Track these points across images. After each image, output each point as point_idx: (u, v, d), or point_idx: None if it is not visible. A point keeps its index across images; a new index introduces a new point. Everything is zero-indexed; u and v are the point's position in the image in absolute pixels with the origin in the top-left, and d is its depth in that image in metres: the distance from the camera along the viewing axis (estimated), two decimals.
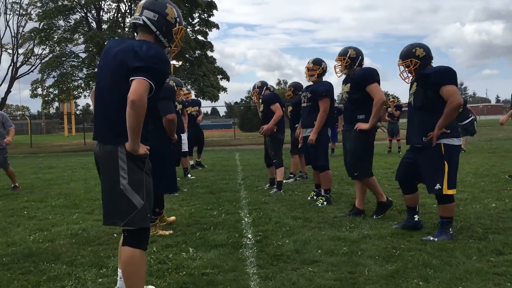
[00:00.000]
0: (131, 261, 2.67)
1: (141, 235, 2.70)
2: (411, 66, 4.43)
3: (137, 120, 2.50)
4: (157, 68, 2.58)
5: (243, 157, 14.86)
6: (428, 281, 3.23)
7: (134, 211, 2.60)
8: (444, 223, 4.33)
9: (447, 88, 4.20)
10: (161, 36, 2.79)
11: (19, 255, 4.12)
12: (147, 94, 2.53)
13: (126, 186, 2.60)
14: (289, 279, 3.33)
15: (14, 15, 25.78)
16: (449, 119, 4.21)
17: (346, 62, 5.36)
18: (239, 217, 5.50)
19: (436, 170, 4.27)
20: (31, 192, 8.05)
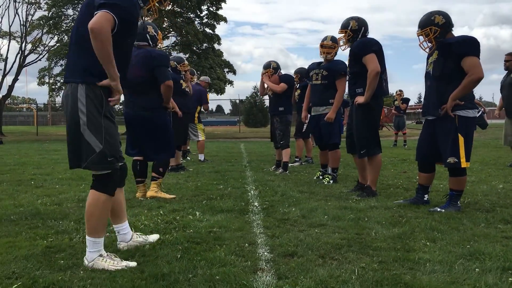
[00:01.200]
0: (95, 204, 2.74)
1: (106, 179, 2.74)
2: (430, 34, 4.28)
3: (102, 49, 2.55)
4: (121, 5, 2.62)
5: (248, 146, 14.87)
6: (436, 242, 3.22)
7: (92, 154, 2.65)
8: (453, 196, 4.28)
9: (471, 59, 4.07)
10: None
11: (27, 214, 4.14)
12: (108, 25, 2.55)
13: (85, 128, 2.65)
14: (296, 237, 3.33)
15: (23, 3, 25.78)
16: (466, 91, 4.12)
17: (348, 35, 5.19)
18: (245, 190, 5.51)
19: (451, 143, 4.18)
20: (38, 168, 8.09)
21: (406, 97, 14.46)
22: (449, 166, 4.23)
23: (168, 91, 4.85)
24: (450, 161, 4.19)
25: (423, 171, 4.56)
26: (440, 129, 4.29)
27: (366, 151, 5.10)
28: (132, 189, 5.46)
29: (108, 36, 2.55)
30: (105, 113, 2.71)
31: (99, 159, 2.66)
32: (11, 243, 3.19)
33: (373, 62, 4.88)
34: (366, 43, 5.02)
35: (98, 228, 2.75)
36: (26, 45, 25.89)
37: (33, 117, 57.06)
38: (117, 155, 2.77)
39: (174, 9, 25.91)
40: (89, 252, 2.75)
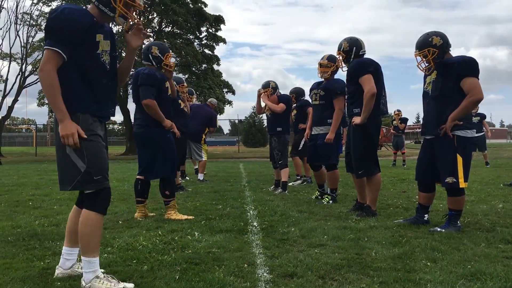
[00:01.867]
0: (86, 223, 2.74)
1: (94, 197, 2.76)
2: (429, 55, 4.28)
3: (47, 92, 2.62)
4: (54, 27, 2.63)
5: (247, 166, 14.84)
6: (436, 262, 3.20)
7: (79, 174, 2.69)
8: (453, 216, 4.24)
9: (471, 80, 4.08)
10: (101, 6, 2.78)
11: (24, 235, 4.11)
12: (49, 65, 2.59)
13: (71, 151, 2.68)
14: (295, 258, 3.30)
15: (24, 25, 26.04)
16: (465, 112, 4.13)
17: (342, 56, 5.25)
18: (244, 210, 5.48)
19: (449, 163, 4.16)
20: (36, 189, 8.05)
21: (405, 117, 14.53)
22: (447, 186, 4.20)
23: (148, 109, 4.89)
24: (449, 181, 4.16)
25: (423, 190, 4.53)
26: (439, 149, 4.27)
27: (364, 171, 5.08)
28: (131, 209, 5.44)
29: (49, 79, 2.59)
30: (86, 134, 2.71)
31: (85, 179, 2.69)
32: (8, 265, 3.16)
33: (369, 83, 4.89)
34: (362, 64, 5.03)
35: (90, 247, 2.73)
36: (26, 66, 26.07)
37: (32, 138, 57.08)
38: (104, 174, 2.78)
39: (174, 30, 26.22)
40: (85, 273, 2.72)
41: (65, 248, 3.00)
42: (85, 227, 2.74)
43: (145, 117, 4.96)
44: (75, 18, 2.65)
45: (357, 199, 5.46)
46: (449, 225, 4.22)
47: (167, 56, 5.08)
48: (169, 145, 5.05)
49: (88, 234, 2.74)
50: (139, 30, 2.95)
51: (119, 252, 3.52)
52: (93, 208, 2.76)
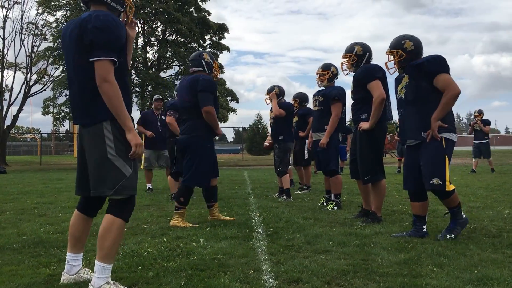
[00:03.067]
0: (109, 228, 2.70)
1: (125, 205, 2.76)
2: (396, 57, 4.23)
3: (113, 102, 2.60)
4: (113, 40, 2.64)
5: (252, 174, 14.84)
6: (443, 267, 3.18)
7: (123, 179, 2.68)
8: (454, 212, 4.11)
9: (443, 76, 3.96)
10: (113, 3, 2.82)
11: (29, 242, 4.12)
12: (111, 76, 2.60)
13: (114, 155, 2.67)
14: (301, 263, 3.29)
15: (29, 35, 26.20)
16: (446, 110, 3.97)
17: (353, 59, 5.20)
18: (249, 217, 5.48)
19: (436, 165, 3.99)
20: (41, 197, 8.07)
21: None
22: (432, 188, 3.99)
23: (208, 116, 4.90)
24: (434, 182, 3.96)
25: (415, 199, 4.27)
26: (425, 151, 4.07)
27: (370, 177, 5.06)
28: (135, 216, 5.44)
29: (116, 91, 2.61)
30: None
31: (128, 184, 2.70)
32: (14, 271, 3.17)
33: (378, 88, 4.90)
34: (370, 70, 5.03)
35: (110, 254, 2.70)
36: (31, 75, 26.18)
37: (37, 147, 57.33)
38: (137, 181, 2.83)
39: (178, 39, 26.34)
40: (96, 278, 2.68)
41: (70, 254, 2.97)
42: (109, 233, 2.70)
43: (196, 123, 4.96)
44: (118, 25, 2.69)
45: (362, 206, 5.44)
46: (456, 224, 4.08)
47: (215, 63, 5.15)
48: (207, 156, 5.04)
49: (111, 240, 2.69)
50: (131, 21, 3.03)
51: (124, 259, 3.52)
52: (121, 215, 2.74)
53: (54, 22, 25.58)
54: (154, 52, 27.18)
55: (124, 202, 2.74)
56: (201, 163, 4.97)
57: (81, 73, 2.70)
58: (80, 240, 2.98)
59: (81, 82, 2.72)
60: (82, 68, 2.68)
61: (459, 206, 4.14)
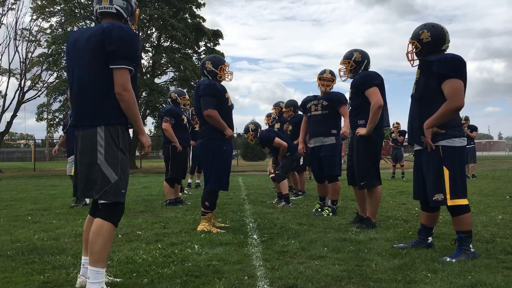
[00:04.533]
0: (100, 232, 2.76)
1: (113, 209, 2.82)
2: (412, 48, 3.91)
3: (129, 110, 2.81)
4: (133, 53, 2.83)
5: (247, 180, 14.82)
6: (437, 273, 3.20)
7: (108, 184, 2.76)
8: (462, 239, 3.64)
9: (452, 83, 3.59)
10: (129, 20, 3.05)
11: (23, 249, 4.10)
12: (129, 85, 2.80)
13: (102, 161, 2.77)
14: (295, 269, 3.30)
15: (24, 41, 26.17)
16: (441, 120, 3.63)
17: (351, 65, 5.20)
18: (244, 223, 5.48)
19: (435, 178, 3.68)
20: (35, 203, 8.03)
21: (403, 130, 14.54)
22: (437, 204, 3.73)
23: (210, 120, 4.97)
24: (437, 198, 3.66)
25: (424, 209, 4.01)
26: (425, 161, 3.80)
27: (366, 182, 5.04)
28: (130, 223, 5.43)
29: (133, 98, 2.81)
30: (121, 147, 2.84)
31: (113, 190, 2.77)
32: (8, 279, 3.15)
33: (376, 95, 4.91)
34: (368, 77, 5.04)
35: (100, 258, 2.74)
36: (25, 82, 26.12)
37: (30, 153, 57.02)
38: (126, 189, 2.88)
39: (172, 45, 26.38)
40: (90, 284, 2.71)
41: (85, 258, 3.00)
42: (98, 237, 2.75)
43: (207, 128, 5.04)
44: (137, 38, 2.90)
45: (357, 212, 5.45)
46: (461, 252, 3.61)
47: (221, 68, 5.17)
48: (223, 159, 5.07)
49: (100, 244, 2.75)
50: None
51: (119, 265, 3.51)
52: (109, 219, 2.80)
53: (49, 28, 25.64)
54: (149, 58, 27.22)
55: (112, 206, 2.81)
56: (219, 165, 5.01)
57: (94, 78, 2.82)
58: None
59: (91, 86, 2.83)
60: (95, 73, 2.81)
61: (470, 233, 3.68)
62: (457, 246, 3.67)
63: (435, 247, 3.95)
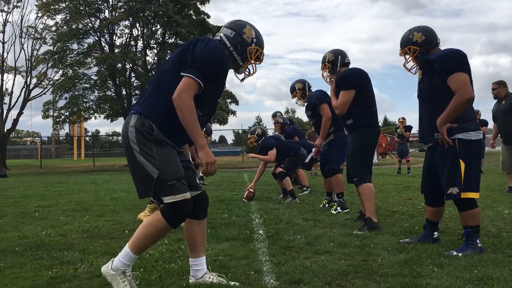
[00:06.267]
0: (151, 224, 2.70)
1: (173, 209, 2.65)
2: (410, 54, 3.91)
3: (184, 119, 2.60)
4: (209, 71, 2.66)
5: (252, 176, 14.81)
6: (443, 267, 3.20)
7: (153, 181, 2.61)
8: (469, 234, 3.62)
9: (457, 77, 3.57)
10: (235, 53, 2.88)
11: (31, 245, 4.13)
12: (190, 94, 2.61)
13: (140, 157, 2.64)
14: (301, 264, 3.31)
15: (29, 38, 26.28)
16: (453, 115, 3.59)
17: (328, 67, 5.20)
18: (250, 218, 5.49)
19: (450, 171, 3.62)
20: (42, 200, 8.09)
21: (409, 125, 14.52)
22: (451, 198, 3.65)
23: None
24: (452, 192, 3.61)
25: (430, 204, 4.00)
26: (439, 156, 3.76)
27: (358, 178, 4.85)
28: (136, 218, 5.46)
29: (188, 107, 2.59)
30: (155, 140, 2.66)
31: (159, 185, 2.61)
32: (16, 274, 3.18)
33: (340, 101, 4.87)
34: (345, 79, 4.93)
35: (138, 244, 2.71)
36: (31, 79, 26.25)
37: (37, 151, 57.35)
38: (179, 178, 2.66)
39: (177, 42, 26.38)
40: (118, 260, 2.71)
41: (190, 259, 2.99)
42: (148, 228, 2.70)
43: None
44: (223, 62, 2.73)
45: (361, 211, 5.44)
46: (467, 246, 3.60)
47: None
48: None
49: (146, 236, 2.70)
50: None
51: None
52: (168, 219, 2.66)
53: (54, 25, 25.70)
54: (154, 55, 27.24)
55: (174, 205, 2.64)
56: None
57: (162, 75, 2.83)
58: (193, 244, 2.96)
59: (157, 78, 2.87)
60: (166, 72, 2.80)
61: (477, 228, 3.66)
62: (464, 241, 3.66)
63: (441, 242, 3.95)
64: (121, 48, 25.92)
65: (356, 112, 4.86)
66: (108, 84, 25.70)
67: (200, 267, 2.96)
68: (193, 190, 2.82)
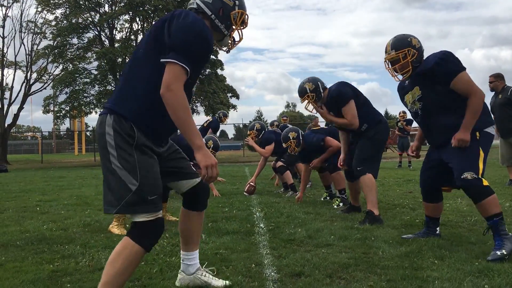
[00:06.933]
0: (121, 252, 2.23)
1: (146, 228, 2.25)
2: (408, 57, 3.62)
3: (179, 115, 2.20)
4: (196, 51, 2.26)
5: (253, 170, 14.82)
6: (444, 259, 3.20)
7: (128, 194, 2.19)
8: (496, 223, 3.30)
9: (461, 78, 3.43)
10: (217, 21, 2.46)
11: (32, 239, 4.15)
12: (181, 85, 2.21)
13: (117, 165, 2.21)
14: (302, 257, 3.32)
15: (29, 33, 26.24)
16: (477, 116, 3.43)
17: (312, 97, 5.04)
18: (251, 212, 5.50)
19: (467, 158, 3.41)
20: (43, 194, 8.10)
21: (410, 118, 14.46)
22: (464, 183, 3.34)
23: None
24: (467, 177, 3.31)
25: (428, 200, 3.92)
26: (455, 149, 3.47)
27: (363, 168, 4.78)
28: None
29: (181, 102, 2.20)
30: (137, 145, 2.25)
31: (136, 200, 2.20)
32: (18, 268, 3.20)
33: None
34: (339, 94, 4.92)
35: (114, 283, 2.21)
36: (31, 74, 26.22)
37: (37, 146, 57.36)
38: (160, 193, 2.29)
39: None
40: None
41: (183, 253, 2.78)
42: (117, 257, 2.22)
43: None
44: (207, 37, 2.29)
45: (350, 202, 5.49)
46: (502, 240, 3.26)
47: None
48: None
49: (119, 267, 2.20)
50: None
51: None
52: (140, 241, 2.23)
53: (54, 20, 25.61)
54: None
55: (147, 224, 2.24)
56: None
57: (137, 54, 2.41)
58: (188, 237, 2.74)
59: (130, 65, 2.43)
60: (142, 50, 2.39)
61: (501, 215, 3.34)
62: (494, 235, 3.30)
63: (442, 235, 3.94)
64: (121, 43, 25.81)
65: (364, 115, 4.88)
66: (108, 79, 25.61)
67: (192, 262, 2.75)
68: (190, 178, 2.59)
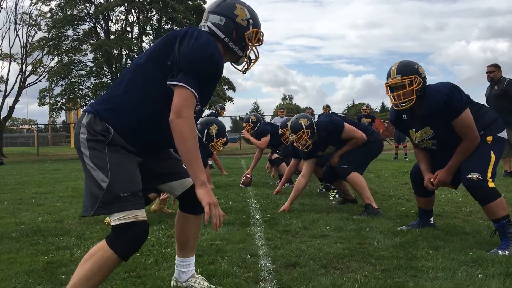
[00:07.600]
0: (91, 257, 2.05)
1: (122, 232, 2.04)
2: (414, 85, 3.41)
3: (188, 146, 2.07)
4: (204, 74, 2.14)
5: (249, 162, 14.82)
6: (438, 249, 3.22)
7: (101, 192, 2.04)
8: (504, 226, 3.24)
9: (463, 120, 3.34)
10: (231, 43, 2.31)
11: (28, 231, 4.14)
12: (190, 110, 2.08)
13: (89, 163, 2.09)
14: (298, 248, 3.33)
15: (24, 25, 26.05)
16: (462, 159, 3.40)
17: (308, 133, 4.93)
18: (247, 203, 5.50)
19: (477, 159, 3.34)
20: (38, 187, 8.09)
21: None
22: (469, 183, 3.29)
23: None
24: (472, 177, 3.25)
25: (420, 194, 3.90)
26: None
27: (348, 167, 4.83)
28: None
29: (191, 131, 2.06)
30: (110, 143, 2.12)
31: (108, 197, 2.04)
32: (12, 259, 3.19)
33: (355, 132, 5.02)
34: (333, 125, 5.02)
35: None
36: (26, 66, 26.08)
37: (33, 138, 57.09)
38: (134, 190, 2.10)
39: (173, 28, 26.18)
40: None
41: (178, 259, 2.59)
42: (89, 259, 2.05)
43: None
44: (218, 62, 2.17)
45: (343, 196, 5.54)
46: (509, 241, 3.19)
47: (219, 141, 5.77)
48: None
49: (86, 272, 2.02)
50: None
51: None
52: (114, 247, 2.03)
53: (49, 12, 25.39)
54: (150, 41, 27.01)
55: (124, 227, 2.03)
56: None
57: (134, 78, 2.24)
58: (184, 242, 2.57)
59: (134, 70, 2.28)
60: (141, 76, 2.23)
61: (509, 218, 3.27)
62: (501, 236, 3.26)
63: (437, 225, 3.96)
64: (116, 35, 25.67)
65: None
66: (104, 71, 25.50)
67: (187, 269, 2.56)
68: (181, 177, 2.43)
